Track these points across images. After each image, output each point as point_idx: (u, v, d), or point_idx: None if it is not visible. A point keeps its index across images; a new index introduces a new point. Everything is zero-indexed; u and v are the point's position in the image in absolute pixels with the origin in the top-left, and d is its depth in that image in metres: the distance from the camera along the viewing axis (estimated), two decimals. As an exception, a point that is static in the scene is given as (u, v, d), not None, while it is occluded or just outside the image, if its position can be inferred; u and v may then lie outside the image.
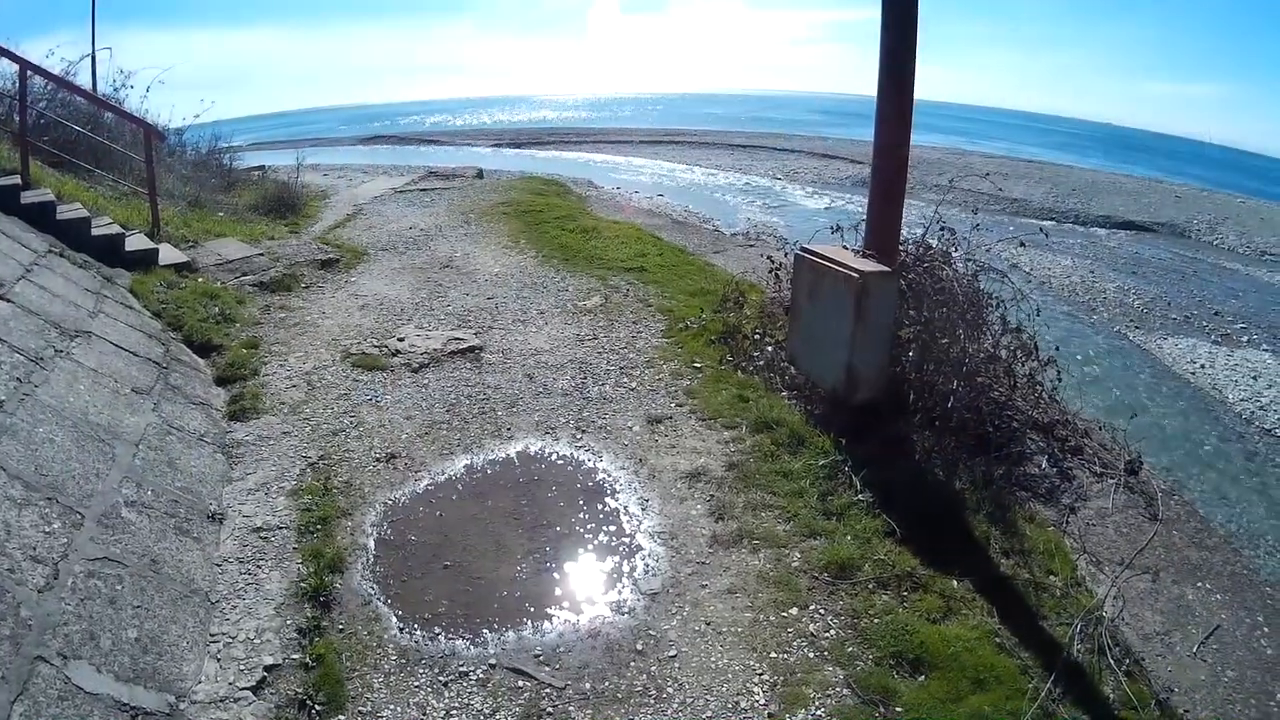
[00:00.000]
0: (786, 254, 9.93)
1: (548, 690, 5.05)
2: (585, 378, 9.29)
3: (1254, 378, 13.44)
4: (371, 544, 6.27)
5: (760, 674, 5.30)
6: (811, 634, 5.68)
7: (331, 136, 46.36)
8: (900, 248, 8.94)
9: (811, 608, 5.93)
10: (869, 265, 7.96)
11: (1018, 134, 78.59)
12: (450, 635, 5.42)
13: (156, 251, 11.43)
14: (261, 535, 6.25)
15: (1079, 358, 13.14)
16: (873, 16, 8.26)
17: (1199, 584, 7.34)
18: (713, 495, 7.19)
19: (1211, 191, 41.01)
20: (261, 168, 21.59)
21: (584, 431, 8.19)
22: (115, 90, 17.62)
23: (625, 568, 6.25)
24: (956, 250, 9.56)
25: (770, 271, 11.29)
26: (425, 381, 8.98)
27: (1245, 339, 15.67)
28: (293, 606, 5.55)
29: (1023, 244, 12.52)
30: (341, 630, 5.41)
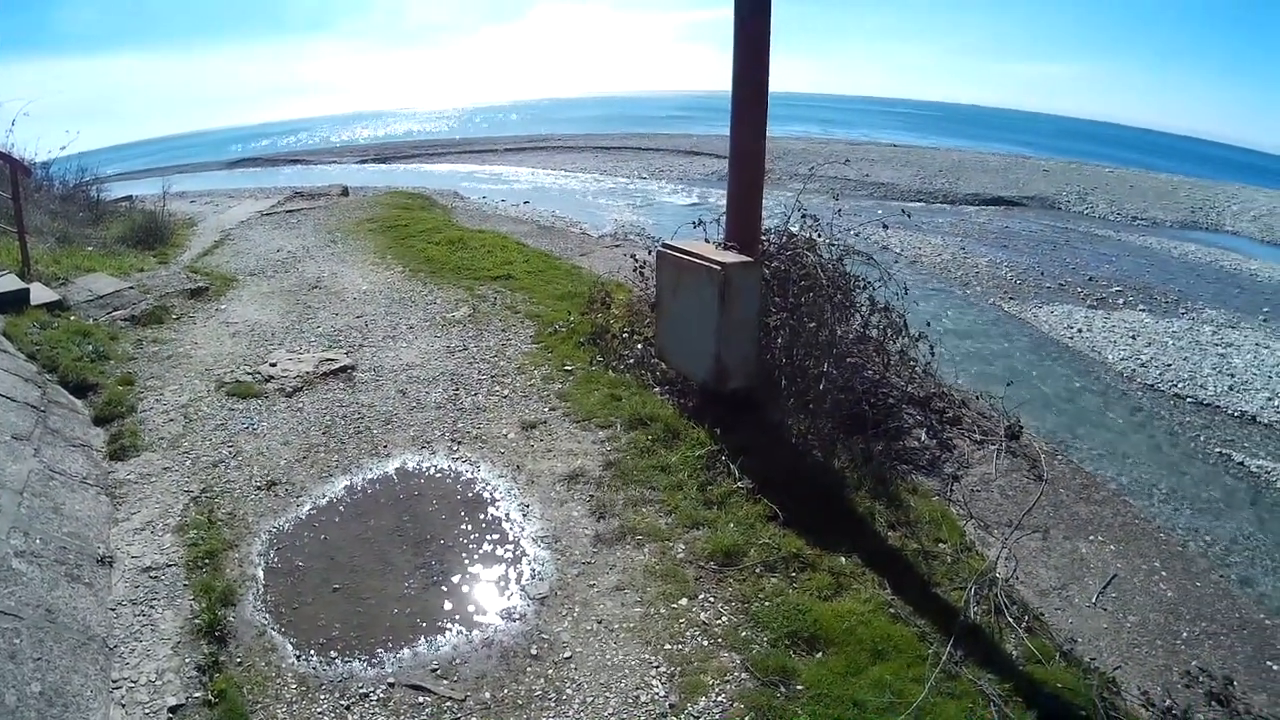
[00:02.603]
0: (650, 252, 9.93)
1: (448, 704, 4.99)
2: (458, 389, 9.17)
3: (1132, 337, 13.88)
4: (260, 574, 6.12)
5: (657, 666, 5.29)
6: (704, 622, 5.68)
7: (199, 162, 45.34)
8: (763, 237, 8.97)
9: (701, 597, 5.93)
10: (731, 257, 7.95)
11: (885, 120, 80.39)
12: (347, 658, 5.34)
13: (27, 291, 10.93)
14: (151, 575, 6.04)
15: (955, 332, 13.42)
16: (731, 14, 8.26)
17: (1091, 537, 7.53)
18: (592, 495, 7.16)
19: (1080, 163, 42.24)
20: (129, 198, 21.01)
21: (460, 443, 8.08)
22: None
23: (512, 574, 6.20)
24: (821, 236, 9.62)
25: (635, 270, 11.35)
26: (300, 405, 8.79)
27: (1121, 301, 16.17)
28: (189, 644, 5.38)
29: (886, 226, 12.72)
30: (240, 663, 5.26)
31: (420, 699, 5.02)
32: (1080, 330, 14.16)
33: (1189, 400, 11.57)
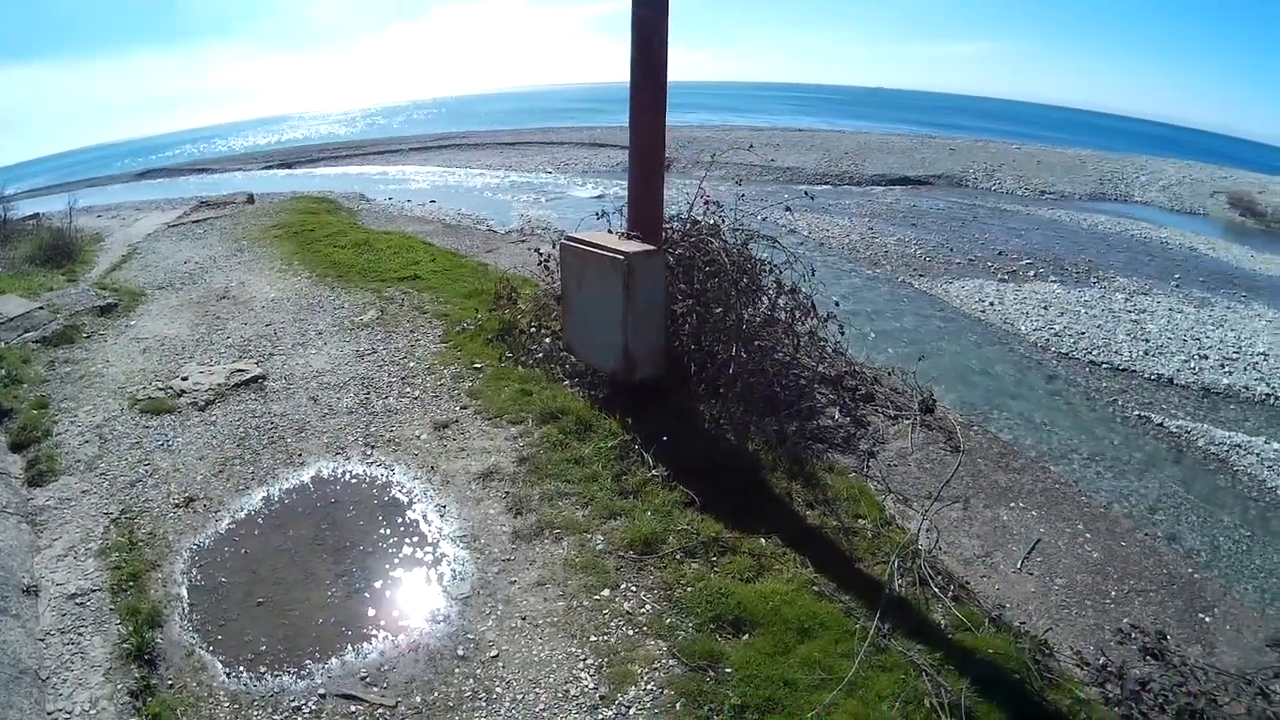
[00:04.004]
0: (555, 245, 9.89)
1: (380, 710, 4.96)
2: (369, 393, 9.08)
3: (1045, 307, 14.12)
4: (184, 593, 6.01)
5: (584, 659, 5.30)
6: (627, 612, 5.70)
7: (105, 175, 44.44)
8: (666, 225, 8.97)
9: (623, 586, 5.95)
10: (633, 246, 7.95)
11: (788, 106, 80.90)
12: (276, 672, 5.29)
13: (-63, 318, 10.69)
14: (77, 601, 5.91)
15: (867, 311, 13.51)
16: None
17: (1012, 504, 7.66)
18: (508, 492, 7.13)
19: (986, 141, 42.87)
20: (35, 216, 20.54)
21: (373, 447, 8.01)
22: None
23: (433, 576, 6.18)
24: (725, 222, 9.64)
25: (540, 264, 11.32)
26: (213, 418, 8.63)
27: (1032, 273, 16.43)
28: (120, 670, 5.29)
29: (789, 209, 12.75)
30: (171, 685, 5.18)
31: (352, 708, 4.99)
32: (992, 303, 14.35)
33: (1104, 366, 11.79)
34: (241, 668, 5.32)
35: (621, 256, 7.71)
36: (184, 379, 9.47)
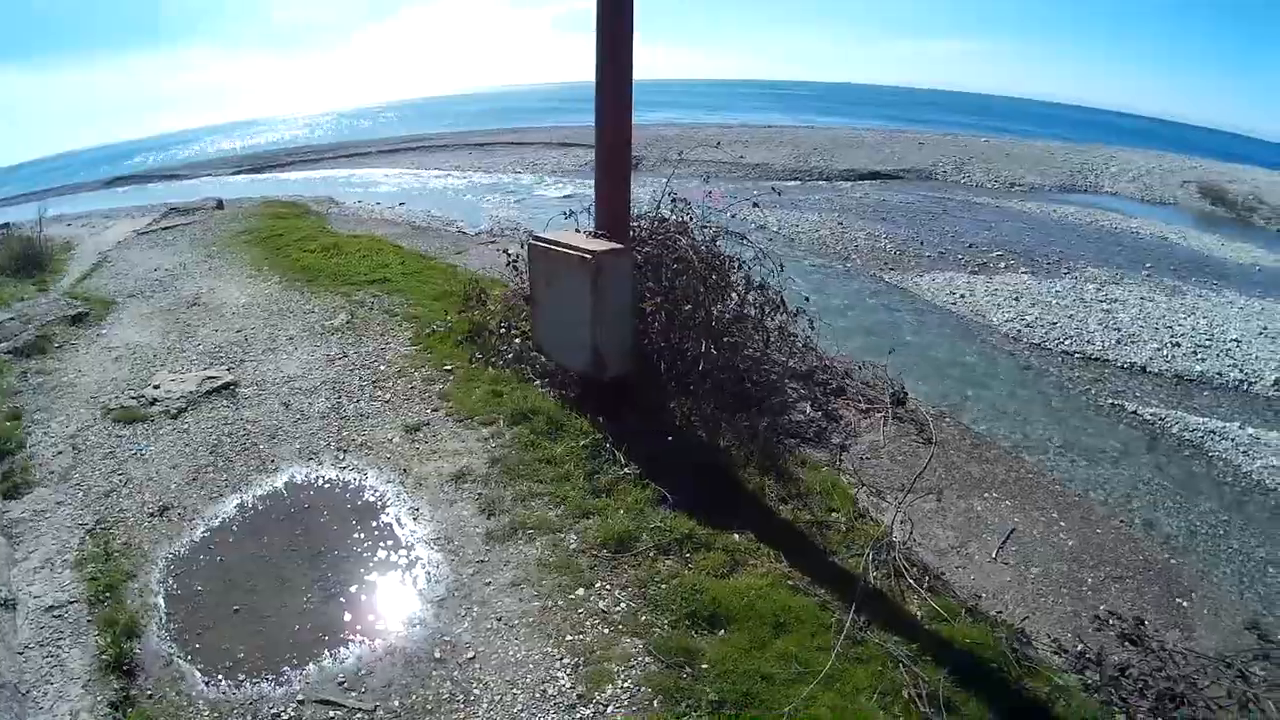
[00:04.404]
0: (523, 245, 9.88)
1: (359, 716, 4.97)
2: (340, 397, 9.07)
3: (1016, 299, 14.16)
4: (161, 602, 6.00)
5: (560, 659, 5.32)
6: (603, 611, 5.73)
7: (75, 183, 44.00)
8: (634, 223, 8.97)
9: (597, 585, 5.97)
10: (601, 245, 7.96)
11: (761, 102, 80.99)
12: (255, 679, 5.29)
13: (-92, 333, 10.60)
14: (55, 614, 5.90)
15: (838, 306, 13.50)
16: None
17: (985, 495, 7.72)
18: (481, 493, 7.14)
19: (956, 135, 42.98)
20: (5, 226, 20.38)
21: (346, 451, 8.00)
22: None
23: (408, 579, 6.19)
24: (693, 219, 9.66)
25: (509, 265, 11.25)
26: (185, 426, 8.60)
27: (1003, 265, 16.49)
28: (100, 681, 5.28)
29: (756, 204, 12.74)
30: (151, 696, 5.18)
31: (331, 713, 5.01)
32: (963, 295, 14.37)
33: (1077, 356, 11.85)
34: (220, 676, 5.33)
35: (589, 255, 7.72)
36: (156, 387, 9.43)
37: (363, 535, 6.72)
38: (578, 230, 9.03)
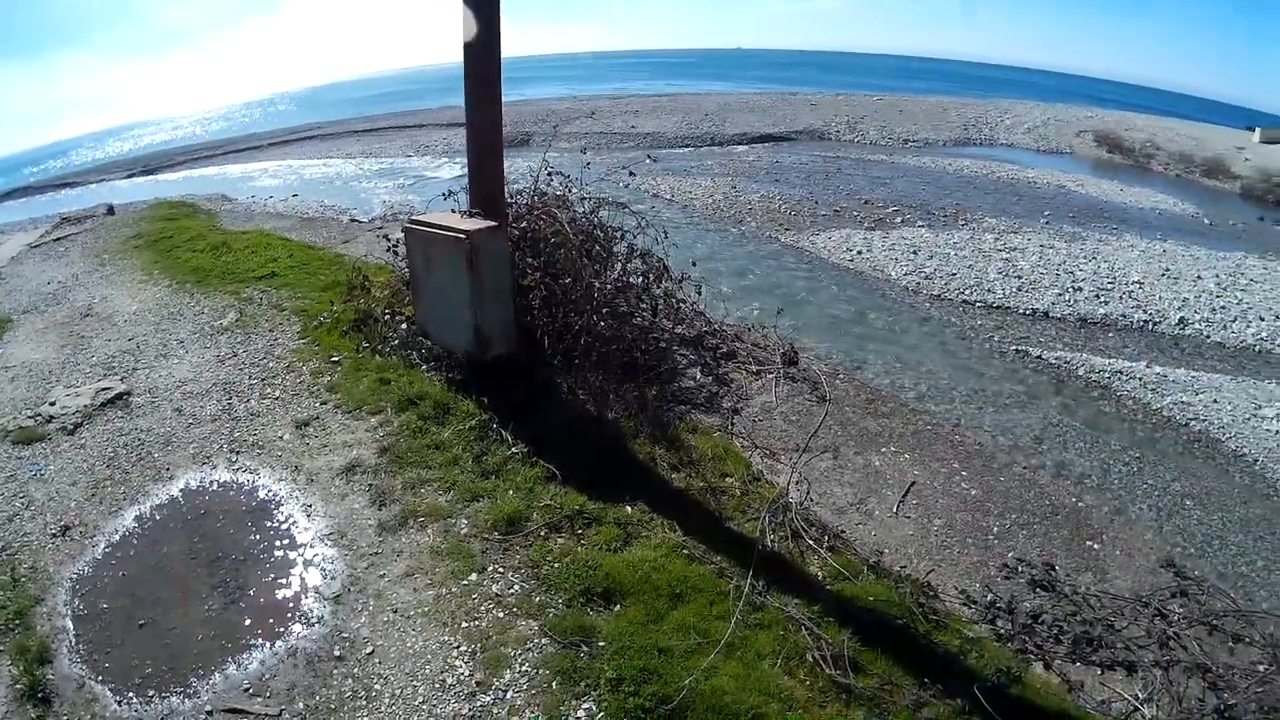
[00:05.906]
0: (403, 230, 9.81)
1: None
2: (231, 398, 8.92)
3: (914, 252, 14.39)
4: (70, 624, 5.90)
5: (457, 647, 5.32)
6: (496, 595, 5.71)
7: (-38, 201, 43.05)
8: (511, 200, 8.94)
9: (489, 569, 5.95)
10: (475, 224, 7.92)
11: (651, 72, 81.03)
12: (163, 693, 5.24)
13: None
14: None
15: (732, 269, 13.60)
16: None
17: (883, 450, 7.83)
18: (371, 484, 7.10)
19: (847, 94, 43.37)
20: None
21: (239, 452, 7.90)
22: None
23: (304, 578, 6.14)
24: (574, 191, 9.64)
25: (389, 250, 11.17)
26: (83, 441, 8.40)
27: (899, 220, 16.74)
28: (16, 712, 5.20)
29: (633, 173, 12.75)
30: None
31: (239, 721, 4.95)
32: (860, 252, 14.56)
33: (978, 305, 12.10)
34: (131, 694, 5.27)
35: (464, 235, 7.69)
36: (52, 404, 9.22)
37: (259, 537, 6.66)
38: (455, 211, 8.95)
